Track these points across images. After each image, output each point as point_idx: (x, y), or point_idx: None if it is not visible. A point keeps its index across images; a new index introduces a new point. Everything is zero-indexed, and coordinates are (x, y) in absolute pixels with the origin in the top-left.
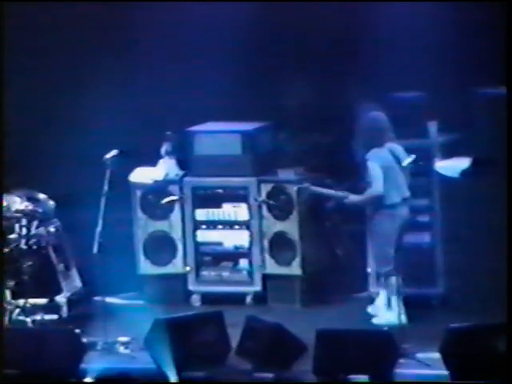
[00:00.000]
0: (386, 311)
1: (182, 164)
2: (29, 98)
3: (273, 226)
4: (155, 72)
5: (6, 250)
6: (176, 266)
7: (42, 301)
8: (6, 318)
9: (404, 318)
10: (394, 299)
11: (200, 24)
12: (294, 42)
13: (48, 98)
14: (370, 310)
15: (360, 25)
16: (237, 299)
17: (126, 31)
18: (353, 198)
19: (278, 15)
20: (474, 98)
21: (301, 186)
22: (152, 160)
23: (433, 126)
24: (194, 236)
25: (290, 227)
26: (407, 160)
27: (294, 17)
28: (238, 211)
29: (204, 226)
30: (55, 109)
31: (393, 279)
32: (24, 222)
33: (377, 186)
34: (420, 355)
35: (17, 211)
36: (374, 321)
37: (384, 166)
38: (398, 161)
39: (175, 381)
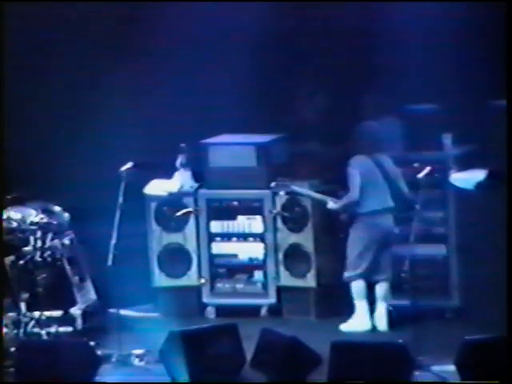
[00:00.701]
0: (353, 317)
1: (197, 176)
2: (44, 110)
3: (287, 237)
4: (170, 84)
5: (21, 262)
6: (191, 278)
7: (57, 313)
8: (21, 330)
9: (382, 326)
10: (358, 305)
11: (215, 36)
12: (310, 55)
13: (64, 111)
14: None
15: (375, 38)
16: (251, 311)
17: (141, 42)
18: (331, 203)
19: (293, 28)
20: (489, 110)
21: (278, 183)
22: (167, 172)
23: (447, 139)
24: (209, 248)
25: (305, 239)
26: (422, 172)
27: (310, 30)
28: (252, 223)
29: (219, 238)
30: (70, 121)
31: (355, 284)
32: (39, 234)
33: (353, 192)
34: (435, 368)
35: (32, 223)
36: (341, 327)
37: (363, 172)
38: (384, 171)
39: None
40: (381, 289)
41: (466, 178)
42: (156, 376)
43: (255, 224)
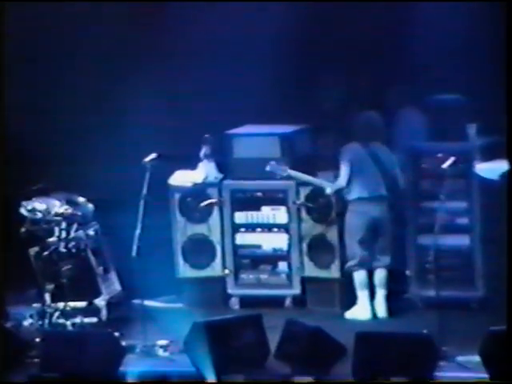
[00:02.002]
0: (355, 306)
1: (221, 167)
2: (69, 101)
3: (312, 228)
4: (193, 75)
5: (46, 253)
6: (215, 269)
7: (82, 304)
8: (46, 321)
9: (381, 312)
10: (360, 294)
11: (238, 26)
12: (333, 45)
13: (88, 102)
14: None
15: (399, 28)
16: (276, 302)
17: (164, 34)
18: (328, 189)
19: (316, 16)
20: None
21: (274, 166)
22: (191, 163)
23: (472, 129)
24: (233, 239)
25: (329, 230)
26: (447, 162)
27: (332, 20)
28: (276, 214)
29: (243, 229)
30: (95, 112)
31: (356, 274)
32: (63, 225)
33: (341, 178)
34: (460, 358)
35: (56, 214)
36: (346, 315)
37: (353, 159)
38: (376, 159)
39: None
40: (379, 276)
41: (491, 168)
42: (180, 367)
43: (279, 215)
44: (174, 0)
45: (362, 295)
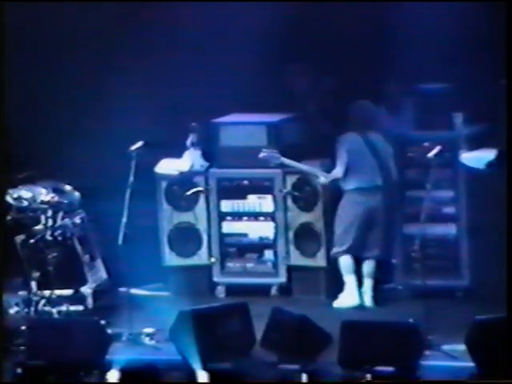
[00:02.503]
0: (342, 293)
1: (208, 155)
2: (53, 90)
3: (298, 217)
4: (180, 63)
5: (32, 241)
6: (201, 257)
7: (68, 292)
8: (32, 309)
9: (368, 301)
10: (347, 280)
11: (223, 14)
12: (320, 33)
13: (73, 91)
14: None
15: (385, 16)
16: (262, 291)
17: (149, 23)
18: (322, 178)
19: (301, 5)
20: (500, 89)
21: (268, 154)
22: (177, 151)
23: (458, 118)
24: (219, 227)
25: (315, 218)
26: (433, 152)
27: (318, 8)
28: (263, 202)
29: (229, 218)
30: (81, 101)
31: (343, 260)
32: (50, 213)
33: (338, 168)
34: (446, 347)
35: (42, 202)
36: (334, 304)
37: (351, 150)
38: (373, 148)
39: (200, 372)
40: (367, 266)
41: (477, 158)
42: (166, 355)
43: (266, 203)
44: None
45: (349, 281)
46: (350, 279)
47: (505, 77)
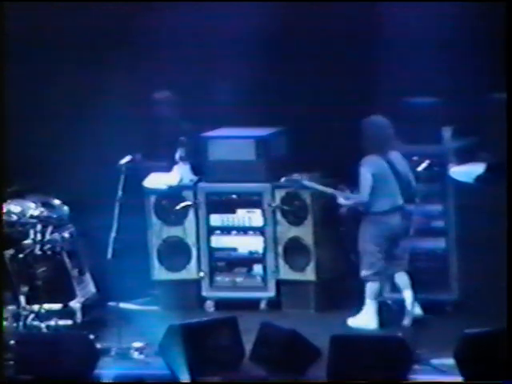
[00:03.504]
0: (361, 314)
1: (196, 169)
2: (42, 104)
3: (287, 231)
4: (168, 78)
5: (21, 255)
6: (190, 271)
7: (57, 306)
8: (21, 324)
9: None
10: (369, 303)
11: (213, 30)
12: (308, 48)
13: (61, 106)
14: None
15: (372, 31)
16: (251, 305)
17: (139, 37)
18: (341, 199)
19: (290, 21)
20: (488, 104)
21: (290, 179)
22: (166, 166)
23: (447, 132)
24: (209, 242)
25: (305, 233)
26: (422, 166)
27: (307, 23)
28: (252, 217)
29: (218, 232)
30: (69, 115)
31: (370, 284)
32: (39, 227)
33: (363, 193)
34: (435, 361)
35: (31, 217)
36: (349, 322)
37: (376, 173)
38: (395, 170)
39: None
40: (401, 279)
41: (466, 171)
42: (155, 369)
43: (255, 217)
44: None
45: (371, 305)
46: (372, 303)
47: (505, 87)
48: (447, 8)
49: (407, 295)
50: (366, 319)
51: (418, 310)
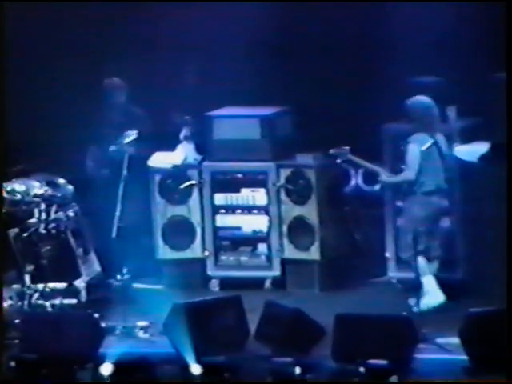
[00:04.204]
0: (424, 295)
1: (201, 149)
2: (47, 83)
3: (291, 210)
4: (173, 57)
5: (25, 234)
6: (194, 250)
7: (61, 285)
8: (26, 302)
9: (441, 298)
10: (427, 279)
11: (216, 11)
12: (311, 27)
13: (68, 85)
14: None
15: (379, 11)
16: (255, 284)
17: (144, 18)
18: (385, 177)
19: (297, 3)
20: (492, 83)
21: (337, 150)
22: (171, 145)
23: (451, 111)
24: (213, 221)
25: (309, 212)
26: (425, 145)
27: (313, 4)
28: (256, 196)
29: (223, 211)
30: (74, 94)
31: (420, 261)
32: (43, 206)
33: (410, 170)
34: (440, 340)
35: (36, 196)
36: (422, 306)
37: (424, 151)
38: (440, 150)
39: (194, 365)
40: (432, 265)
41: (470, 151)
42: (160, 348)
43: (259, 196)
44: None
45: (428, 281)
46: (428, 279)
47: (505, 71)
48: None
49: (428, 280)
50: (431, 297)
51: (440, 296)
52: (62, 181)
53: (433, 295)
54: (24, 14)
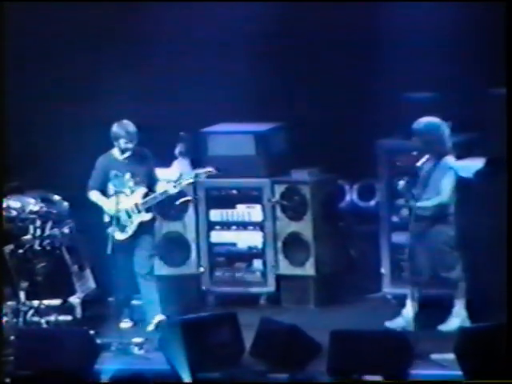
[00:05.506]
0: (454, 317)
1: (196, 165)
2: (43, 100)
3: (286, 226)
4: (168, 73)
5: (20, 251)
6: (190, 266)
7: (56, 302)
8: (21, 319)
9: (467, 322)
10: (460, 302)
11: (213, 25)
12: (307, 43)
13: (62, 101)
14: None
15: (373, 27)
16: (250, 300)
17: (139, 32)
18: (413, 202)
19: (290, 17)
20: (488, 98)
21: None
22: (166, 161)
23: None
24: (208, 237)
25: (304, 228)
26: (421, 160)
27: (307, 18)
28: (251, 212)
29: (218, 227)
30: (70, 111)
31: (461, 283)
32: (38, 223)
33: (445, 193)
34: (435, 356)
35: (31, 212)
36: (442, 328)
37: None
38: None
39: (189, 382)
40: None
41: (465, 166)
42: (156, 365)
43: (254, 212)
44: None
45: (461, 303)
46: (462, 302)
47: (505, 83)
48: (448, 7)
49: (461, 303)
50: (459, 319)
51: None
52: (57, 197)
53: (462, 318)
54: (24, 14)
